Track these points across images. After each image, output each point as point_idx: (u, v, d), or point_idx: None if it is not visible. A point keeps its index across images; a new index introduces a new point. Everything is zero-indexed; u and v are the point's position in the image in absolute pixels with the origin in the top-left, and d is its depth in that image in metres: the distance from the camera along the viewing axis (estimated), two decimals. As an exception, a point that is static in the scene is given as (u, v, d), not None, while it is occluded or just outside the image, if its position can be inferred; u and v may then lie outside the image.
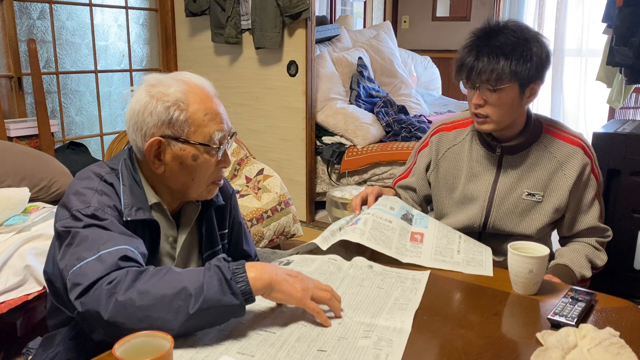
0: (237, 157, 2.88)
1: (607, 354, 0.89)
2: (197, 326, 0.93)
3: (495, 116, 1.38)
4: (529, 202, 1.46)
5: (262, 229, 2.58)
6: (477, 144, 1.51)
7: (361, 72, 4.00)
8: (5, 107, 2.82)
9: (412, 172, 1.66)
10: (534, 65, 1.32)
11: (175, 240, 1.20)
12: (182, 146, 1.09)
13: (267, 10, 3.24)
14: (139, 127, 1.09)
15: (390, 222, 1.36)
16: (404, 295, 1.12)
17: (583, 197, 1.47)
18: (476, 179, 1.51)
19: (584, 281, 1.45)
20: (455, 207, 1.56)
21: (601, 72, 3.23)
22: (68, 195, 1.07)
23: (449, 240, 1.39)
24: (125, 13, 3.48)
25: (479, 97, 1.37)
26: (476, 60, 1.33)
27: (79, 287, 0.93)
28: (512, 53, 1.31)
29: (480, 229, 1.52)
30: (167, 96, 1.07)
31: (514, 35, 1.33)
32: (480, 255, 1.35)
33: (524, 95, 1.37)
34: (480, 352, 0.94)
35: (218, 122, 1.11)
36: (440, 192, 1.59)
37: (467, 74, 1.36)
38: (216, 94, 1.15)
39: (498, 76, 1.31)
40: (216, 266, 0.95)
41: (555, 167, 1.44)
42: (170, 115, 1.07)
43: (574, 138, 1.45)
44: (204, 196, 1.18)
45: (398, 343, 0.95)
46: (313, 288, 1.01)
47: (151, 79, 1.11)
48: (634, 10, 2.52)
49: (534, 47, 1.33)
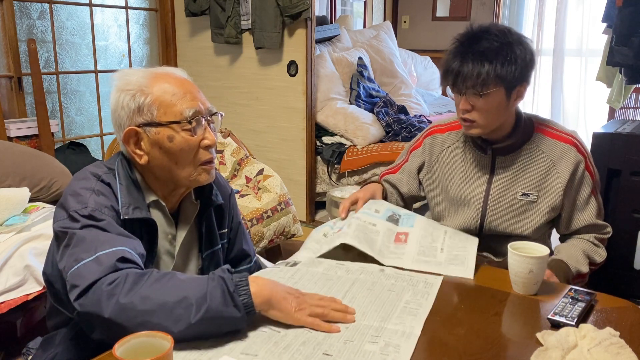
0: (237, 157, 2.87)
1: (607, 354, 0.89)
2: (197, 335, 0.93)
3: (483, 121, 1.38)
4: (524, 202, 1.46)
5: (262, 229, 2.57)
6: (470, 146, 1.51)
7: (361, 72, 4.00)
8: (5, 107, 2.82)
9: (402, 169, 1.66)
10: (519, 68, 1.33)
11: (174, 238, 1.20)
12: (155, 130, 1.09)
13: (267, 10, 3.24)
14: (118, 125, 1.12)
15: (374, 226, 1.36)
16: (414, 300, 1.11)
17: (578, 195, 1.46)
18: (470, 181, 1.51)
19: (580, 277, 1.44)
20: (451, 209, 1.56)
21: (601, 72, 3.23)
22: (66, 195, 1.07)
23: (434, 238, 1.38)
24: (125, 13, 3.48)
25: (466, 102, 1.37)
26: (461, 66, 1.33)
27: (78, 289, 0.93)
28: (496, 57, 1.31)
29: (477, 231, 1.52)
30: (130, 84, 1.09)
31: (497, 39, 1.33)
32: (464, 251, 1.34)
33: (511, 98, 1.37)
34: (480, 352, 0.94)
35: (188, 99, 1.10)
36: (436, 194, 1.59)
37: (452, 80, 1.36)
38: (190, 79, 1.15)
39: (483, 81, 1.31)
40: (220, 277, 0.95)
41: (549, 166, 1.44)
42: (137, 102, 1.08)
43: (566, 136, 1.45)
44: (196, 180, 1.15)
45: (405, 348, 0.93)
46: (309, 306, 1.00)
47: (117, 74, 1.13)
48: (634, 10, 2.52)
49: (517, 50, 1.33)
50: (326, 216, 3.52)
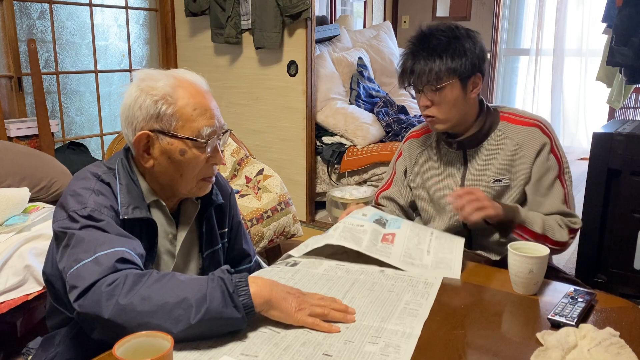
0: (237, 157, 2.87)
1: (607, 354, 0.89)
2: (196, 336, 0.93)
3: (442, 115, 1.42)
4: (497, 189, 1.47)
5: (262, 229, 2.57)
6: (442, 144, 1.55)
7: (361, 72, 4.00)
8: (5, 107, 2.82)
9: (394, 182, 1.67)
10: (469, 60, 1.39)
11: (174, 237, 1.20)
12: (169, 140, 1.09)
13: (267, 10, 3.24)
14: (129, 122, 1.10)
15: (361, 227, 1.36)
16: (414, 300, 1.11)
17: (544, 178, 1.45)
18: (446, 178, 1.54)
19: (525, 232, 1.40)
20: (435, 210, 1.58)
21: (601, 72, 3.23)
22: (65, 195, 1.07)
23: (420, 239, 1.36)
24: (125, 13, 3.48)
25: (425, 98, 1.42)
26: (415, 64, 1.40)
27: (77, 290, 0.93)
28: (446, 51, 1.38)
29: (462, 227, 1.52)
30: (155, 89, 1.08)
31: (445, 35, 1.39)
32: (451, 254, 1.33)
33: (467, 89, 1.42)
34: (480, 352, 0.94)
35: (207, 117, 1.10)
36: (421, 197, 1.61)
37: (408, 78, 1.42)
38: (209, 91, 1.15)
39: (437, 75, 1.37)
40: (220, 278, 0.95)
41: (515, 149, 1.46)
42: (158, 109, 1.07)
43: (530, 120, 1.47)
44: (194, 193, 1.16)
45: (405, 349, 0.93)
46: (310, 306, 1.00)
47: (142, 74, 1.12)
48: (634, 10, 2.52)
49: (466, 43, 1.39)
50: (326, 216, 3.52)
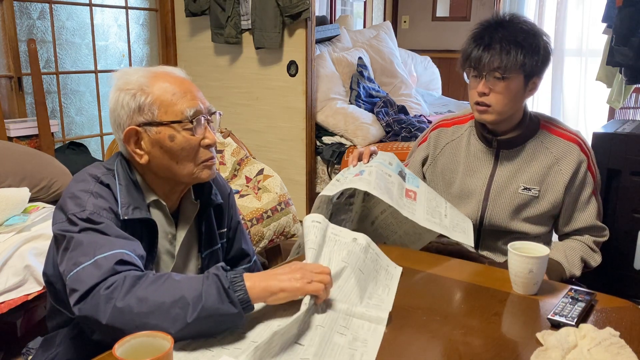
0: (237, 157, 2.87)
1: (607, 354, 0.89)
2: (195, 334, 0.93)
3: (499, 106, 1.39)
4: (525, 197, 1.47)
5: (262, 229, 2.57)
6: (475, 138, 1.53)
7: (361, 72, 4.00)
8: (5, 107, 2.82)
9: (410, 164, 1.68)
10: (541, 58, 1.37)
11: (174, 237, 1.20)
12: (156, 129, 1.09)
13: (267, 10, 3.24)
14: (117, 124, 1.12)
15: (390, 176, 1.37)
16: (375, 294, 1.11)
17: (580, 195, 1.47)
18: (473, 174, 1.52)
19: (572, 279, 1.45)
20: (453, 202, 1.56)
21: (601, 72, 3.23)
22: (64, 198, 1.07)
23: (437, 203, 1.41)
24: (125, 13, 3.48)
25: (485, 85, 1.39)
26: (487, 48, 1.36)
27: (77, 293, 0.93)
28: (524, 42, 1.35)
29: (478, 225, 1.52)
30: (130, 84, 1.09)
31: (526, 25, 1.37)
32: (464, 222, 1.38)
33: (527, 87, 1.40)
34: (480, 352, 0.94)
35: (189, 99, 1.11)
36: (437, 187, 1.60)
37: (475, 62, 1.38)
38: (189, 78, 1.16)
39: (509, 63, 1.34)
40: (215, 275, 0.95)
41: (552, 162, 1.45)
42: (138, 102, 1.08)
43: (570, 135, 1.46)
44: (199, 177, 1.15)
45: (372, 343, 0.95)
46: (312, 273, 0.99)
47: (117, 74, 1.13)
48: (634, 10, 2.52)
49: (541, 40, 1.37)
50: (326, 216, 3.51)
